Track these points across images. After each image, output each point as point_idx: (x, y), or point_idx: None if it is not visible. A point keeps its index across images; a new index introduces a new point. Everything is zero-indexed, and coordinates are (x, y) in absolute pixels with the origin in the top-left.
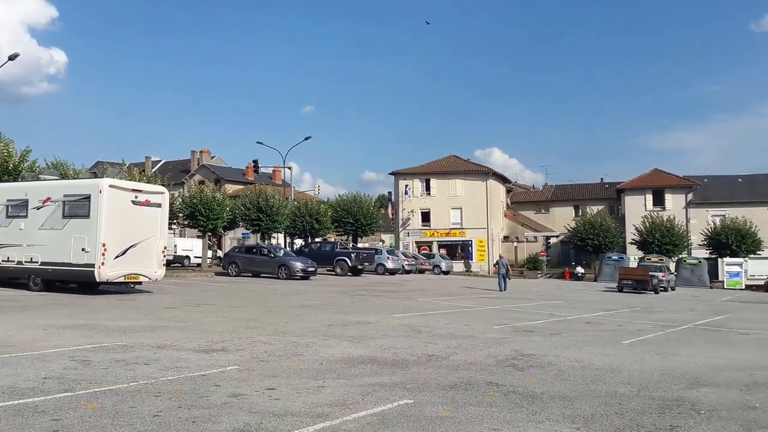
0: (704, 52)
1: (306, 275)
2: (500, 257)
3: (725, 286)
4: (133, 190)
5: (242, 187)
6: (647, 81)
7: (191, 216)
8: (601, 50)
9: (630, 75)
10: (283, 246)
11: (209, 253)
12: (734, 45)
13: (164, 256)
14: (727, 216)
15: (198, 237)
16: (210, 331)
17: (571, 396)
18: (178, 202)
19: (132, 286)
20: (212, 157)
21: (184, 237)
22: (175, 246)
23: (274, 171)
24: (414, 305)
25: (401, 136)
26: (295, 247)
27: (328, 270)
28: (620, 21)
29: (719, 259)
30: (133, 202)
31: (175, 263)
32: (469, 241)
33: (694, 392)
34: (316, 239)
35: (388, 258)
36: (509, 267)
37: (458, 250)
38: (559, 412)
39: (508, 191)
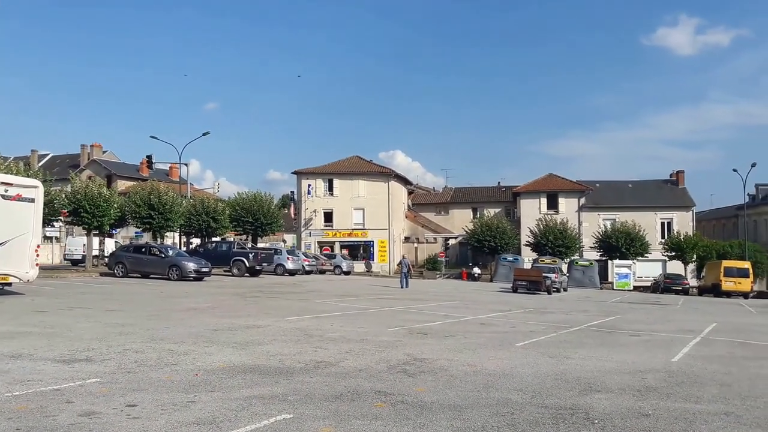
0: (597, 64)
1: (199, 276)
2: (403, 257)
3: (615, 287)
4: (3, 183)
5: (136, 183)
6: (542, 90)
7: (75, 213)
8: (499, 58)
9: (526, 83)
10: (177, 245)
11: (95, 252)
12: (625, 58)
13: (37, 254)
14: (617, 220)
15: (84, 235)
16: (77, 338)
17: (461, 405)
18: (60, 198)
19: (0, 287)
20: (104, 152)
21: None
22: (84, 245)
23: (171, 167)
24: (310, 307)
25: (306, 136)
26: (191, 246)
27: (225, 271)
28: (516, 31)
29: (609, 261)
30: (3, 197)
31: (82, 263)
32: (370, 241)
33: (588, 399)
34: (213, 238)
35: (288, 258)
36: (411, 266)
37: (360, 250)
38: (448, 424)
39: (410, 193)
